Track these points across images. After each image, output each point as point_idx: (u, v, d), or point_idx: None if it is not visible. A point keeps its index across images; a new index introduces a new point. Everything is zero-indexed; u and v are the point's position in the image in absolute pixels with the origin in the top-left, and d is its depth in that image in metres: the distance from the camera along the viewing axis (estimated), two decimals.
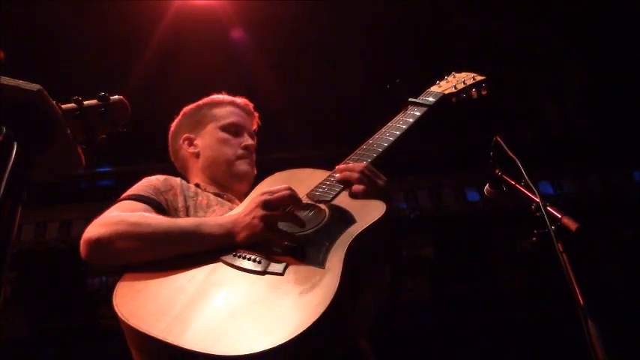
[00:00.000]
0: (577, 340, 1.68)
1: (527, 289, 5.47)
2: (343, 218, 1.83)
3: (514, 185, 2.03)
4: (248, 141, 2.39)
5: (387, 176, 2.02)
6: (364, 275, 1.86)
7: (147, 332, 1.57)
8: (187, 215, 2.07)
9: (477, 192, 5.34)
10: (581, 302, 1.65)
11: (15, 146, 1.25)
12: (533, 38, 4.74)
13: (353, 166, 2.03)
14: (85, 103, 1.49)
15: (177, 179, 2.23)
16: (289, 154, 4.86)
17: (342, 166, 2.06)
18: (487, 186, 2.19)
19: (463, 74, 2.56)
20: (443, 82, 2.53)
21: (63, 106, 1.42)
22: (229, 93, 2.56)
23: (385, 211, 1.81)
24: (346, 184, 1.99)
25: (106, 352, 4.85)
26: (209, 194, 2.21)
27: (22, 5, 3.89)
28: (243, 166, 2.34)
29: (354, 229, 1.77)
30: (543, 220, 1.83)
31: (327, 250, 1.71)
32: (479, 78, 2.52)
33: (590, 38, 4.73)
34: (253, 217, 1.76)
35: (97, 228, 1.88)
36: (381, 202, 1.86)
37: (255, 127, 2.52)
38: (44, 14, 4.12)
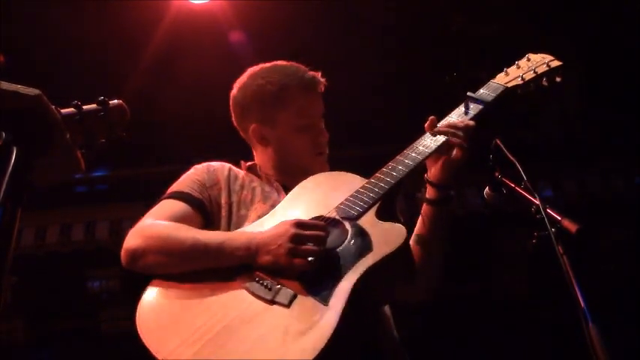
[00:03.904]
0: (578, 342, 1.68)
1: (528, 291, 5.47)
2: (362, 244, 1.81)
3: (514, 188, 2.03)
4: (321, 134, 2.27)
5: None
6: (378, 299, 1.89)
7: (155, 353, 1.67)
8: (230, 211, 2.09)
9: (477, 193, 5.34)
10: (582, 305, 1.65)
11: (15, 151, 1.26)
12: (533, 38, 4.74)
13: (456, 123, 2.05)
14: (85, 107, 1.49)
15: (226, 170, 2.19)
16: None
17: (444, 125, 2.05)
18: (487, 189, 2.18)
19: (538, 57, 2.27)
20: (512, 69, 2.27)
21: (62, 111, 1.42)
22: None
23: (403, 242, 1.79)
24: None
25: (106, 355, 4.85)
26: (256, 187, 2.16)
27: (20, 9, 3.90)
28: (317, 164, 2.23)
29: (367, 261, 1.75)
30: (543, 222, 1.83)
31: (337, 281, 1.71)
32: (554, 64, 2.24)
33: (591, 39, 4.73)
34: (279, 246, 1.77)
35: (134, 239, 1.96)
36: (403, 230, 1.83)
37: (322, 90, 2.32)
38: (42, 18, 4.12)
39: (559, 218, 1.82)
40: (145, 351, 1.73)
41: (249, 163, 2.29)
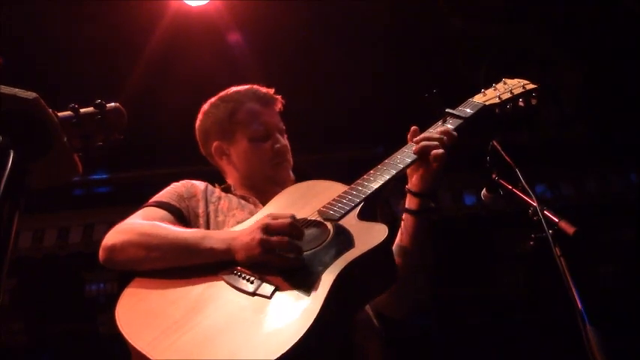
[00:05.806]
0: (577, 344, 1.68)
1: (527, 292, 5.47)
2: (344, 241, 1.82)
3: (511, 190, 2.03)
4: (279, 142, 2.35)
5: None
6: (361, 296, 1.87)
7: (134, 344, 1.66)
8: (208, 220, 2.15)
9: (475, 195, 5.34)
10: (580, 307, 1.65)
11: (12, 154, 1.26)
12: (531, 40, 4.75)
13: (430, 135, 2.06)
14: (82, 110, 1.49)
15: (203, 185, 2.28)
16: None
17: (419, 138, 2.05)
18: (484, 190, 2.19)
19: (514, 81, 2.32)
20: (489, 90, 2.31)
21: (59, 114, 1.43)
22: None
23: (385, 238, 1.80)
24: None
25: (104, 358, 4.84)
26: (232, 198, 2.25)
27: (18, 10, 3.90)
28: (279, 173, 2.33)
29: (349, 256, 1.76)
30: (541, 224, 1.83)
31: (318, 275, 1.71)
32: (529, 86, 2.28)
33: (588, 40, 4.74)
34: (252, 239, 1.78)
35: (114, 235, 1.99)
36: (384, 227, 1.83)
37: (280, 109, 2.44)
38: (41, 19, 4.12)
39: (556, 220, 1.83)
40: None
41: (223, 185, 2.37)
